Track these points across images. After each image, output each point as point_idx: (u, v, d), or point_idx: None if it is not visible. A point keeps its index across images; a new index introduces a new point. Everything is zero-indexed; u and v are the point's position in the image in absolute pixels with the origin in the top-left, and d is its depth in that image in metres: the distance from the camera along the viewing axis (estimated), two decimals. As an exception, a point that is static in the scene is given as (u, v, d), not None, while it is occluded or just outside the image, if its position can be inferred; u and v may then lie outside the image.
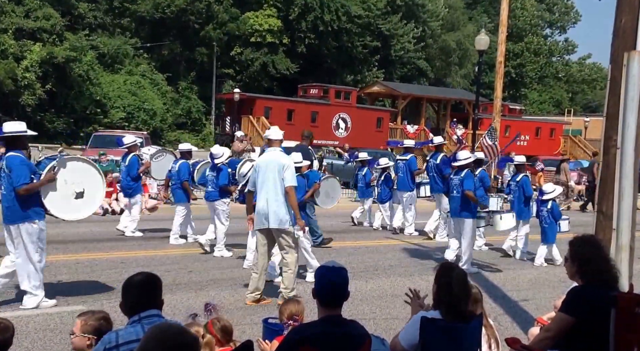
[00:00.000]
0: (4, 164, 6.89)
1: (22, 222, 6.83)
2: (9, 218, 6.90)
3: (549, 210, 10.95)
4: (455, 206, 10.32)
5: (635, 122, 5.13)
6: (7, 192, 6.89)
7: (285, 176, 7.51)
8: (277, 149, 7.79)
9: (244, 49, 44.42)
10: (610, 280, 4.22)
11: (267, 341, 4.63)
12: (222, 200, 10.56)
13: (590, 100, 69.22)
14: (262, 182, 7.56)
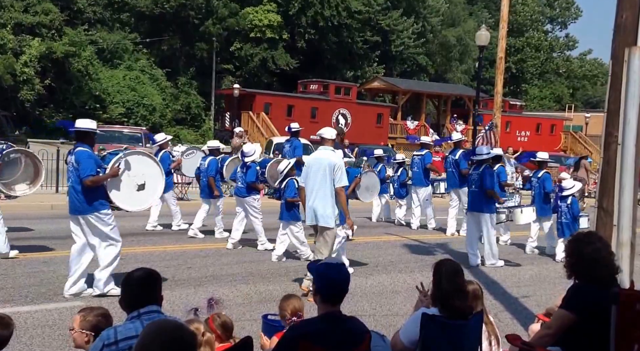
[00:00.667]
0: (73, 158, 7.27)
1: (88, 213, 7.23)
2: (77, 210, 7.28)
3: (569, 205, 11.01)
4: (472, 200, 10.53)
5: (636, 117, 5.11)
6: (75, 184, 7.27)
7: (336, 176, 7.70)
8: (328, 148, 7.98)
9: (244, 44, 44.31)
10: (611, 277, 4.22)
11: (267, 337, 4.62)
12: (251, 197, 10.83)
13: (591, 96, 69.14)
14: (313, 180, 7.78)
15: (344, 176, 7.81)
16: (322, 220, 7.70)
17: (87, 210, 7.23)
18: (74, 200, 7.30)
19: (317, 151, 8.12)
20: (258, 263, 9.77)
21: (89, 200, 7.22)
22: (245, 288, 8.20)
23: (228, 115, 36.26)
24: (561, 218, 11.09)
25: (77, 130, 7.37)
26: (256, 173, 10.88)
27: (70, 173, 7.35)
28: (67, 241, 10.36)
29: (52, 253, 9.64)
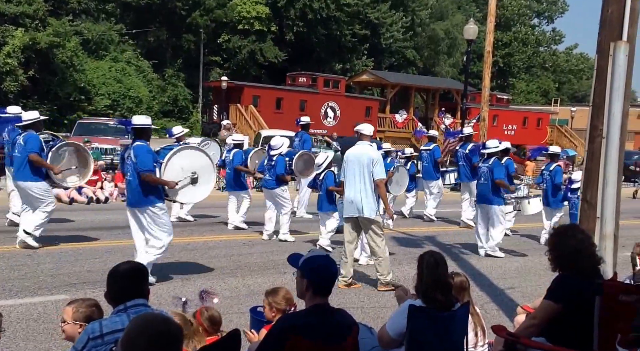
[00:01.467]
0: (131, 153, 7.59)
1: (144, 206, 7.59)
2: (134, 202, 7.68)
3: (579, 197, 11.11)
4: (482, 192, 10.90)
5: (621, 111, 5.16)
6: (132, 178, 7.62)
7: (375, 170, 8.02)
8: (366, 143, 8.32)
9: (232, 36, 44.08)
10: (594, 269, 4.26)
11: (255, 330, 4.63)
12: (280, 188, 11.19)
13: (576, 90, 69.52)
14: (352, 174, 8.09)
15: (382, 169, 8.18)
16: (366, 212, 8.00)
17: (142, 203, 7.59)
18: (131, 193, 7.75)
19: (356, 146, 8.38)
20: (246, 256, 9.78)
21: (145, 194, 7.57)
22: (234, 281, 8.21)
23: (216, 108, 36.08)
24: (572, 209, 11.48)
25: (134, 127, 7.77)
26: (285, 165, 11.19)
27: (129, 167, 7.66)
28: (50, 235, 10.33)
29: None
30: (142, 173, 7.46)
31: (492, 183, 10.67)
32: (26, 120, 9.61)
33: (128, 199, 7.88)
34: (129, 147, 7.77)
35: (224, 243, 10.66)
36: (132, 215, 7.78)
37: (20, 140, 9.43)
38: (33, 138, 9.34)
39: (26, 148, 9.23)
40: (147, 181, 7.50)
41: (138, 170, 7.47)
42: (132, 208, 7.76)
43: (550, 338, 4.09)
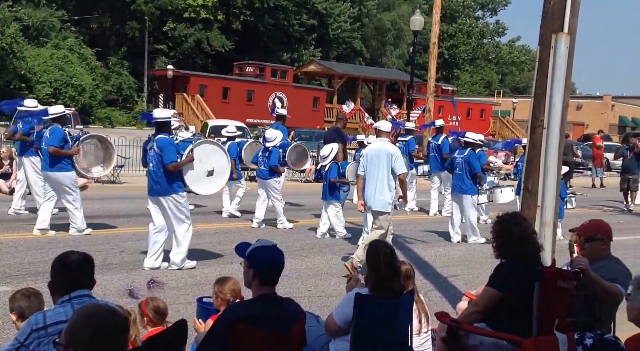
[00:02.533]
0: (155, 145, 8.03)
1: (167, 195, 8.03)
2: (157, 192, 8.10)
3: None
4: (457, 183, 11.32)
5: (561, 102, 5.29)
6: (156, 168, 8.04)
7: (396, 164, 8.43)
8: (384, 139, 8.83)
9: (177, 24, 43.37)
10: (535, 256, 4.39)
11: (202, 320, 4.60)
12: (273, 179, 11.56)
13: (518, 82, 71.26)
14: (371, 169, 8.47)
15: (402, 163, 8.57)
16: (380, 205, 8.37)
17: (166, 192, 8.03)
18: (154, 183, 8.11)
19: (375, 142, 8.99)
20: (192, 247, 9.65)
21: (168, 183, 8.02)
22: (179, 271, 8.13)
23: (162, 97, 35.54)
24: None
25: (156, 120, 8.22)
26: (279, 157, 11.62)
27: (152, 158, 8.09)
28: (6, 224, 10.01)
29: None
30: (167, 165, 7.93)
31: (466, 173, 11.14)
32: (52, 114, 10.13)
33: (150, 188, 8.22)
34: (152, 140, 8.21)
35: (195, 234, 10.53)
36: (154, 202, 8.20)
37: (46, 133, 9.92)
38: (57, 131, 9.78)
39: (49, 141, 9.69)
40: (172, 171, 7.98)
41: (164, 162, 7.93)
42: (155, 197, 8.17)
43: (492, 324, 4.19)
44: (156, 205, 8.19)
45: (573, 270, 4.26)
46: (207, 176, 8.39)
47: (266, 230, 11.30)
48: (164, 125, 8.24)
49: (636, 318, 3.37)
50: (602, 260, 4.55)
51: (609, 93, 64.52)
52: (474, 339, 4.19)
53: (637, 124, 61.22)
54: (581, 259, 4.32)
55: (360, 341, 4.08)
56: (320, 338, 4.43)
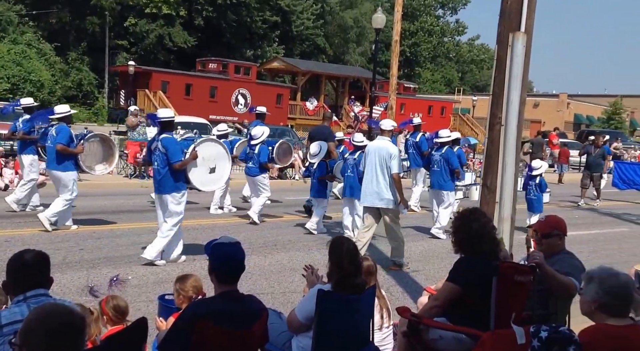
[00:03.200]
0: (159, 144, 8.22)
1: (170, 192, 8.27)
2: (161, 189, 8.32)
3: (537, 184, 12.25)
4: (435, 179, 11.74)
5: (519, 99, 5.40)
6: (160, 167, 8.26)
7: (391, 164, 8.73)
8: (386, 138, 9.17)
9: (139, 20, 42.79)
10: (493, 251, 4.46)
11: (163, 318, 4.57)
12: (262, 175, 11.99)
13: (478, 80, 72.32)
14: (372, 166, 8.82)
15: (398, 164, 8.90)
16: (383, 202, 8.73)
17: (169, 190, 8.28)
18: (159, 181, 8.35)
19: (376, 140, 9.29)
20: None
21: (172, 181, 8.27)
22: (141, 269, 8.05)
23: (123, 93, 34.99)
24: (530, 194, 12.29)
25: (161, 120, 8.48)
26: (268, 154, 11.96)
27: (157, 157, 8.30)
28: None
29: None
30: (173, 163, 8.14)
31: (445, 170, 11.57)
32: (59, 113, 10.33)
33: (155, 186, 8.55)
34: (156, 139, 8.42)
35: (132, 231, 10.42)
36: (159, 201, 8.50)
37: (52, 131, 10.13)
38: (65, 130, 10.02)
39: (56, 139, 9.91)
40: (178, 169, 8.21)
41: (170, 160, 8.14)
42: (159, 195, 8.44)
43: (452, 318, 4.26)
44: (160, 203, 8.47)
45: (529, 264, 4.35)
46: (210, 173, 8.66)
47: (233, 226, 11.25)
48: (167, 124, 8.49)
49: (587, 311, 3.47)
50: (557, 254, 4.66)
51: (565, 91, 66.21)
52: (434, 333, 4.24)
53: (591, 122, 62.82)
54: (537, 253, 4.41)
55: (322, 337, 4.10)
56: (283, 335, 4.44)
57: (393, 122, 9.83)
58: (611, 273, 3.42)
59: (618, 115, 63.56)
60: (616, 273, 3.43)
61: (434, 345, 4.27)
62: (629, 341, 3.24)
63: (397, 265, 8.85)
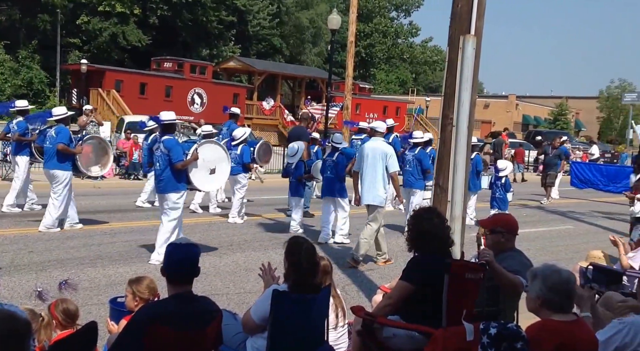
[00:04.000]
0: (161, 146, 8.55)
1: (170, 192, 8.58)
2: (162, 189, 8.65)
3: (503, 184, 12.95)
4: (407, 178, 12.02)
5: (469, 101, 5.49)
6: (162, 168, 8.57)
7: (390, 163, 9.15)
8: (380, 139, 9.54)
9: (92, 17, 41.93)
10: (446, 249, 4.54)
11: (114, 321, 4.50)
12: (243, 175, 12.35)
13: (431, 81, 73.31)
14: (367, 166, 9.14)
15: (396, 162, 9.32)
16: (376, 200, 9.07)
17: (170, 190, 8.59)
18: (160, 181, 8.67)
19: (371, 141, 9.61)
20: (107, 246, 9.45)
21: (173, 181, 8.58)
22: (93, 271, 7.91)
23: (75, 92, 34.26)
24: (495, 194, 12.98)
25: (163, 122, 8.76)
26: (250, 154, 12.34)
27: (158, 158, 8.60)
28: None
29: None
30: (175, 163, 8.45)
31: (417, 170, 12.00)
32: (57, 115, 10.64)
33: (157, 186, 8.90)
34: (158, 141, 8.74)
35: (84, 233, 10.24)
36: (160, 200, 8.84)
37: (52, 132, 10.45)
38: (64, 130, 10.35)
39: (56, 140, 10.19)
40: (180, 169, 8.54)
41: (172, 161, 8.44)
42: (162, 195, 8.75)
43: (405, 316, 4.32)
44: (161, 201, 8.80)
45: (479, 262, 4.43)
46: (210, 174, 8.99)
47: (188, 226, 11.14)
48: (169, 126, 8.81)
49: (533, 307, 3.56)
50: (505, 252, 4.76)
51: (514, 93, 67.91)
52: (388, 331, 4.30)
53: (538, 122, 64.53)
54: (487, 251, 4.51)
55: (277, 338, 4.10)
56: (237, 336, 4.43)
57: (385, 124, 10.44)
58: (554, 270, 3.51)
59: (564, 116, 65.51)
60: (558, 270, 3.51)
61: (387, 343, 4.32)
62: (573, 336, 3.33)
63: (353, 259, 8.99)
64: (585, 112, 70.91)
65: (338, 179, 10.76)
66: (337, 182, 10.75)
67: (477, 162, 13.58)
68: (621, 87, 63.36)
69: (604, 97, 67.68)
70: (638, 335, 3.48)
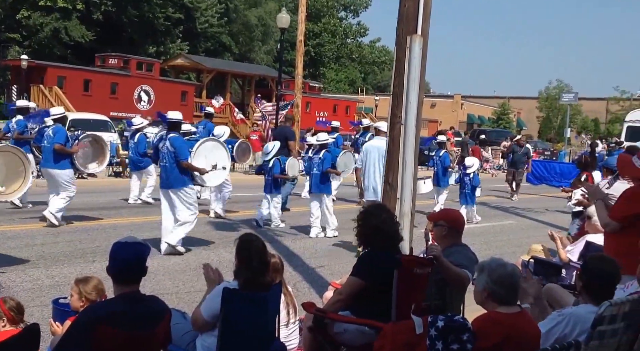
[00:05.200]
0: (168, 143, 9.06)
1: (179, 187, 9.05)
2: (169, 185, 9.11)
3: (471, 179, 13.71)
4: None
5: (417, 99, 5.59)
6: (169, 164, 9.06)
7: None
8: (383, 138, 9.41)
9: (32, 12, 40.73)
10: (395, 245, 4.62)
11: (59, 323, 4.41)
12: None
13: (379, 80, 74.08)
14: (371, 164, 9.83)
15: None
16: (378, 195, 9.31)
17: (179, 185, 9.04)
18: (167, 177, 9.13)
19: (374, 140, 10.56)
20: (51, 246, 9.22)
21: (180, 177, 9.04)
22: (36, 272, 7.71)
23: (15, 88, 33.25)
24: (464, 189, 13.73)
25: (170, 120, 9.46)
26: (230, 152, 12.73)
27: (165, 156, 9.08)
28: None
29: None
30: (182, 161, 8.94)
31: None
32: (54, 115, 11.11)
33: (162, 182, 9.31)
34: (164, 138, 9.20)
35: (25, 233, 9.96)
36: (165, 195, 9.21)
37: (49, 131, 10.71)
38: (60, 130, 10.64)
39: (54, 139, 10.42)
40: (186, 167, 9.02)
41: (178, 158, 8.95)
42: (166, 190, 9.15)
43: (355, 311, 4.37)
44: (166, 197, 9.19)
45: (427, 256, 4.53)
46: (212, 170, 9.43)
47: (136, 225, 10.97)
48: (176, 125, 9.40)
49: (480, 300, 3.66)
50: (452, 246, 4.88)
51: (459, 92, 69.41)
52: (339, 327, 4.34)
53: (482, 121, 66.20)
54: (435, 246, 4.60)
55: (227, 336, 4.09)
56: (187, 335, 4.39)
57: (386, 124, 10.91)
58: (499, 264, 3.62)
59: (506, 115, 67.36)
60: (504, 264, 3.62)
61: (338, 338, 4.37)
62: (517, 327, 3.44)
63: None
64: (526, 111, 73.07)
65: (324, 176, 11.44)
66: (324, 179, 11.42)
67: (444, 159, 14.41)
68: (559, 87, 65.33)
69: (543, 97, 69.70)
70: (577, 325, 3.61)
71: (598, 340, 3.41)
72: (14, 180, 7.89)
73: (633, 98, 59.11)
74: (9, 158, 7.94)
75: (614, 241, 5.13)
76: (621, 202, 5.13)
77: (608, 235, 5.33)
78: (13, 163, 7.88)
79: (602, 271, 3.85)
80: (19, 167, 7.92)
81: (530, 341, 3.45)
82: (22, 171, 7.94)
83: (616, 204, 5.22)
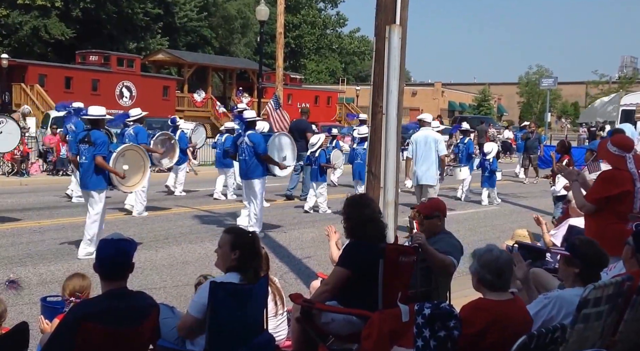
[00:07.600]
0: (247, 139, 10.17)
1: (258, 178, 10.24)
2: (249, 176, 10.22)
3: (490, 163, 14.96)
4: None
5: (397, 89, 5.62)
6: (248, 158, 10.20)
7: (440, 148, 10.95)
8: (429, 128, 11.24)
9: (11, 11, 40.24)
10: (381, 234, 4.65)
11: (47, 321, 4.41)
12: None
13: (360, 70, 74.03)
14: (420, 151, 10.83)
15: (444, 147, 11.32)
16: (429, 180, 10.75)
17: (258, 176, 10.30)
18: (246, 169, 10.31)
19: (421, 130, 11.20)
20: (37, 244, 9.18)
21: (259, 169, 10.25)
22: (23, 270, 7.68)
23: (-3, 88, 32.93)
24: (485, 173, 14.98)
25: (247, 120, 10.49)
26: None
27: (244, 150, 10.26)
28: None
29: None
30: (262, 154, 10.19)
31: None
32: (134, 116, 11.85)
33: (243, 173, 10.38)
34: (242, 135, 10.38)
35: (12, 232, 9.91)
36: (246, 186, 10.37)
37: (130, 131, 11.50)
38: (142, 130, 11.65)
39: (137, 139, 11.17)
40: (264, 159, 10.21)
41: (258, 152, 10.08)
42: (247, 180, 10.30)
43: (342, 301, 4.40)
44: (247, 187, 10.28)
45: (412, 245, 4.57)
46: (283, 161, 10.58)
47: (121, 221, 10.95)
48: (253, 123, 10.51)
49: (474, 285, 3.68)
50: (437, 234, 4.93)
51: (440, 80, 69.85)
52: (326, 317, 4.37)
53: (463, 108, 66.49)
54: (420, 235, 4.65)
55: (215, 328, 4.11)
56: (176, 329, 4.41)
57: (431, 115, 12.23)
58: (487, 249, 3.62)
59: (487, 101, 67.69)
60: (491, 249, 3.62)
61: (326, 328, 4.40)
62: (505, 314, 3.42)
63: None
64: (507, 97, 73.46)
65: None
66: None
67: (469, 146, 15.51)
68: (539, 72, 65.67)
69: (523, 82, 70.06)
70: (563, 308, 3.63)
71: (583, 323, 3.41)
72: (136, 173, 9.23)
73: (612, 82, 59.50)
74: (132, 155, 9.33)
75: (594, 223, 5.22)
76: (597, 183, 5.23)
77: (588, 218, 5.42)
78: (136, 159, 9.29)
79: (598, 259, 3.83)
80: (139, 162, 9.35)
81: (518, 327, 3.40)
82: (142, 166, 9.42)
83: (593, 186, 5.32)
